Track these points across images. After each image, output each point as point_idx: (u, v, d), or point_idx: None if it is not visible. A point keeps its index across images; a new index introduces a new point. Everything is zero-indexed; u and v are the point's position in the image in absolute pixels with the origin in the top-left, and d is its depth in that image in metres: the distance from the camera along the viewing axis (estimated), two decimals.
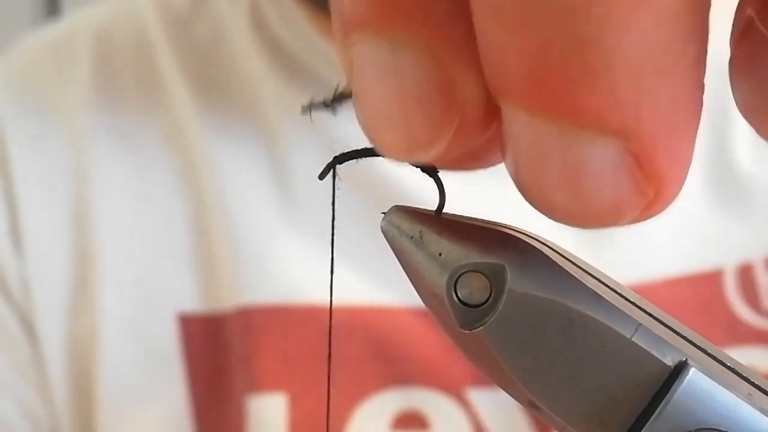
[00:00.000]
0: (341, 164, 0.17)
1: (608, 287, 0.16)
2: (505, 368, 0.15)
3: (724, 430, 0.15)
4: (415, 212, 0.16)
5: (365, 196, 0.47)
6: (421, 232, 0.16)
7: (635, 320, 0.15)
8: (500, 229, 0.16)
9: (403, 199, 0.17)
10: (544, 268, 0.15)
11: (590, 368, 0.15)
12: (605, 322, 0.15)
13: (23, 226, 0.50)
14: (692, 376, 0.15)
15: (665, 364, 0.15)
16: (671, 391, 0.15)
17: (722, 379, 0.15)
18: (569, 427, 0.16)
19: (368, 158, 0.17)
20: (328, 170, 0.18)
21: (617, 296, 0.16)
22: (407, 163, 0.15)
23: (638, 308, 0.16)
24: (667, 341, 0.15)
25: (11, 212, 0.50)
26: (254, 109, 0.51)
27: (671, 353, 0.15)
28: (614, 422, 0.15)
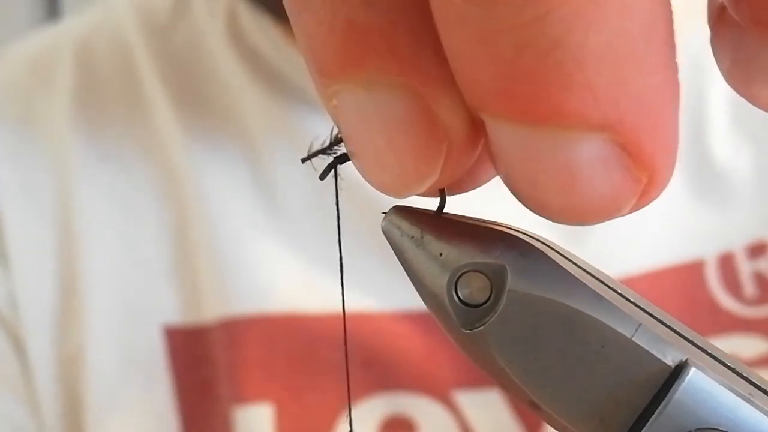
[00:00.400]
0: (341, 164, 0.17)
1: (608, 287, 0.16)
2: (505, 368, 0.15)
3: (724, 430, 0.15)
4: (415, 212, 0.16)
5: (348, 202, 0.47)
6: (421, 232, 0.16)
7: (636, 320, 0.15)
8: (500, 229, 0.16)
9: (388, 204, 0.17)
10: (544, 268, 0.15)
11: (591, 368, 0.15)
12: (606, 321, 0.15)
13: (8, 242, 0.49)
14: (693, 376, 0.15)
15: (666, 363, 0.15)
16: (672, 391, 0.15)
17: (723, 379, 0.15)
18: (570, 426, 0.16)
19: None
20: (328, 171, 0.18)
21: (617, 296, 0.16)
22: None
23: (639, 308, 0.16)
24: (667, 341, 0.15)
25: None
26: (235, 120, 0.51)
27: (672, 353, 0.15)
28: (615, 422, 0.15)
